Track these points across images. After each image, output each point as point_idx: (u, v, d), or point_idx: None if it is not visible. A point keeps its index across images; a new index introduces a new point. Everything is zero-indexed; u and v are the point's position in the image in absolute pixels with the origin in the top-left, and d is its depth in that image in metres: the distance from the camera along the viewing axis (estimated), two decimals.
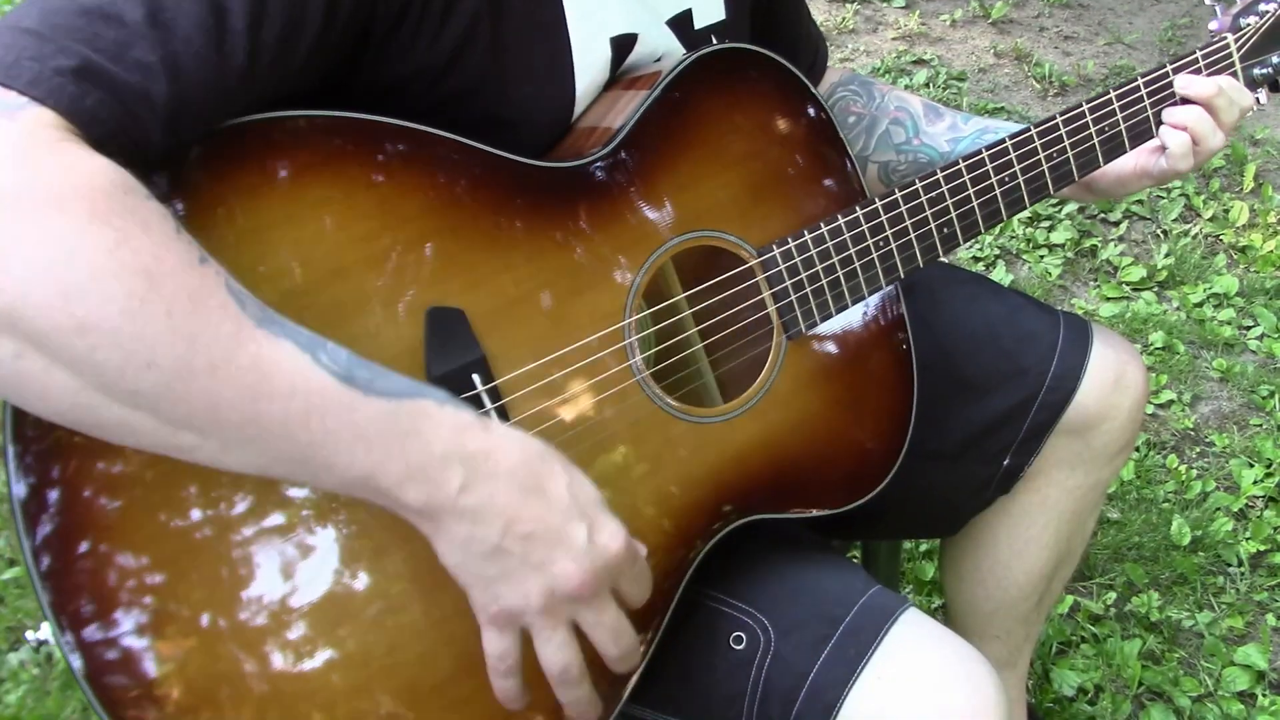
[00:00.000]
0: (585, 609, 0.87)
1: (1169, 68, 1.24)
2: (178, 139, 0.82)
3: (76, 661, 0.82)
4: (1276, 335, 2.71)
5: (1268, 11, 1.27)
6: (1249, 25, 1.27)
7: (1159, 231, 3.02)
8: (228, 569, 0.86)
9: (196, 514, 0.85)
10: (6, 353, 0.71)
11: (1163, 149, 1.24)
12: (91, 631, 0.82)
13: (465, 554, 0.83)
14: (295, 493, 0.88)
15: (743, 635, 1.07)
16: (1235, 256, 2.96)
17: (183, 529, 0.85)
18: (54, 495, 0.81)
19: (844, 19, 3.81)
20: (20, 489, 0.81)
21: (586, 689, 0.91)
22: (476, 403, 0.95)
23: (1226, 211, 3.07)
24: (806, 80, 1.16)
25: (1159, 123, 1.24)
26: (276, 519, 0.87)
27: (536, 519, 0.83)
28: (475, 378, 0.94)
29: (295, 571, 0.88)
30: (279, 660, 0.87)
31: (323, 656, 0.88)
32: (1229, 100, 1.23)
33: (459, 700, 0.93)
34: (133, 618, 0.83)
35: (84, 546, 0.82)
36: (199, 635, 0.85)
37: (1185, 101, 1.23)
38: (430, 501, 0.81)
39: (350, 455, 0.78)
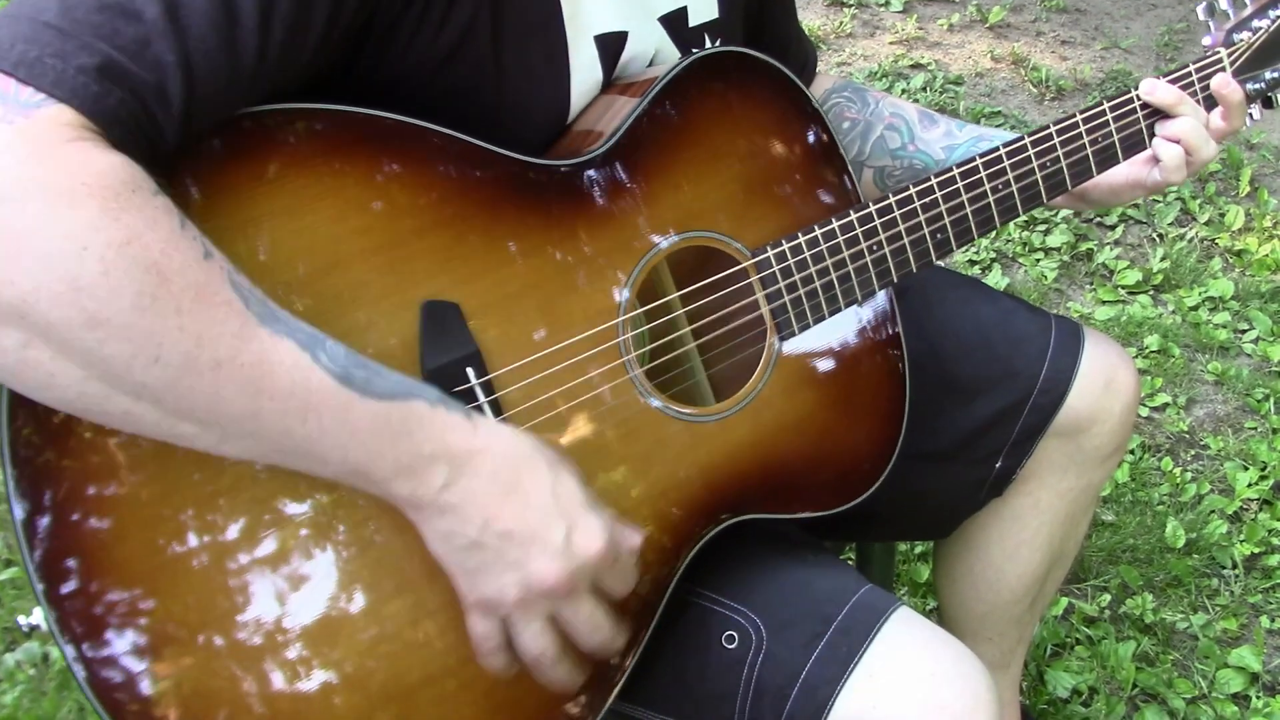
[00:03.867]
0: (562, 604, 0.91)
1: (1164, 80, 1.25)
2: (193, 133, 0.83)
3: (81, 673, 0.83)
4: (1271, 339, 2.72)
5: (1260, 27, 1.27)
6: (1242, 41, 1.28)
7: (1155, 235, 3.03)
8: (222, 588, 0.87)
9: (191, 535, 0.86)
10: (13, 342, 0.72)
11: (1155, 160, 1.24)
12: (92, 649, 0.84)
13: (447, 545, 0.88)
14: (292, 509, 0.89)
15: (735, 634, 1.07)
16: (1231, 260, 2.97)
17: (178, 550, 0.86)
18: (45, 520, 0.82)
19: (841, 23, 3.82)
20: (19, 511, 0.82)
21: (564, 669, 0.95)
22: (469, 396, 0.96)
23: (1222, 215, 3.08)
24: (800, 83, 1.16)
25: (1152, 134, 1.24)
26: (271, 539, 0.88)
27: (515, 517, 0.87)
28: (469, 371, 0.96)
29: (291, 590, 0.89)
30: (275, 675, 0.88)
31: (319, 674, 0.89)
32: (1196, 118, 1.23)
33: (457, 701, 0.95)
34: (129, 639, 0.84)
35: (82, 568, 0.83)
36: (194, 654, 0.86)
37: (1146, 107, 1.23)
38: (415, 496, 0.85)
39: (344, 451, 0.82)
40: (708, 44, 1.21)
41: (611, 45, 1.13)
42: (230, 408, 0.78)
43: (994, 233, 2.96)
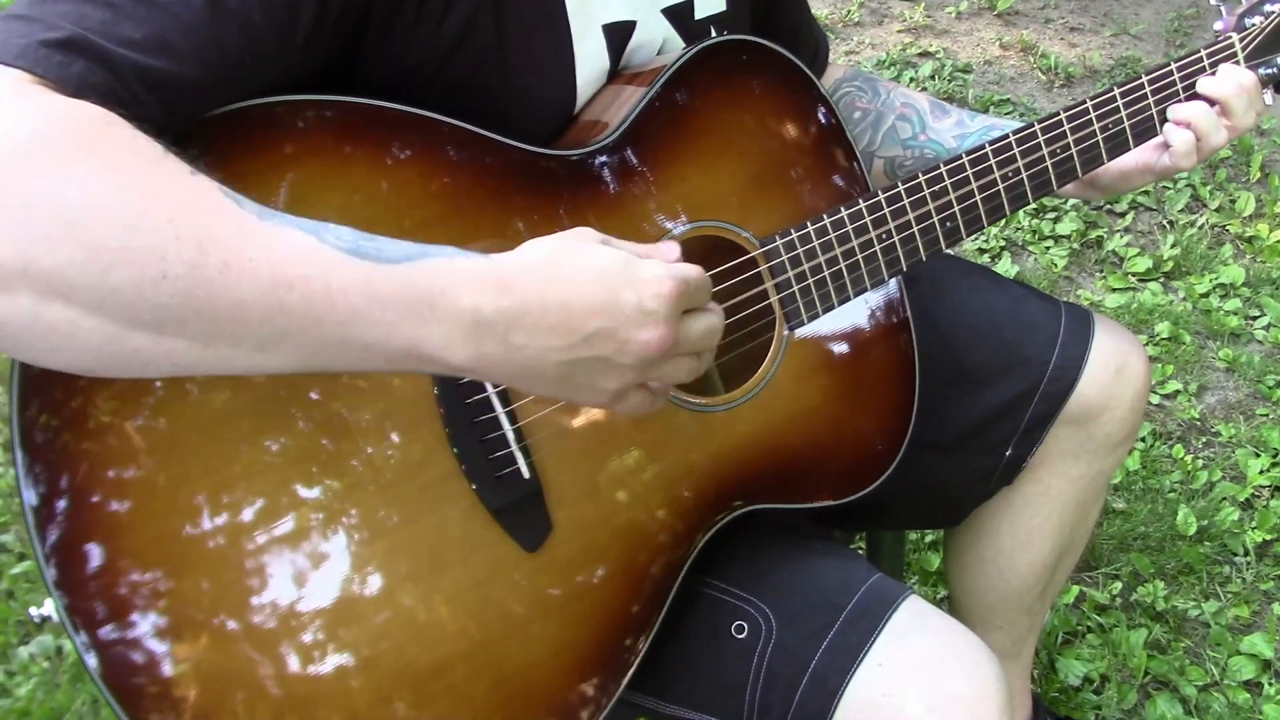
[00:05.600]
0: (678, 346, 0.87)
1: (1173, 65, 1.24)
2: (175, 115, 0.82)
3: (92, 661, 0.83)
4: None
5: (1273, 12, 1.27)
6: (1254, 25, 1.27)
7: (1165, 222, 3.02)
8: (238, 571, 0.87)
9: (207, 518, 0.86)
10: (25, 308, 0.70)
11: (1166, 146, 1.24)
12: (106, 634, 0.84)
13: (545, 384, 0.84)
14: (306, 493, 0.89)
15: (744, 624, 1.08)
16: (1241, 247, 2.96)
17: (194, 533, 0.86)
18: (62, 503, 0.82)
19: (849, 12, 3.81)
20: (31, 497, 0.82)
21: (708, 360, 0.92)
22: (478, 389, 0.96)
23: (1233, 202, 3.07)
24: (810, 73, 1.16)
25: (1163, 120, 1.24)
26: (287, 520, 0.89)
27: (586, 314, 0.82)
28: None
29: (307, 572, 0.89)
30: (290, 658, 0.88)
31: (336, 655, 0.90)
32: (1247, 101, 1.23)
33: (469, 686, 0.95)
34: (146, 622, 0.84)
35: (95, 551, 0.83)
36: (210, 636, 0.86)
37: (1194, 97, 1.23)
38: (480, 354, 0.80)
39: (385, 328, 0.77)
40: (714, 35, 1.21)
41: (619, 34, 1.13)
42: (253, 310, 0.74)
43: (1004, 220, 2.95)
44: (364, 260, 0.77)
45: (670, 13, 1.18)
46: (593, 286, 0.82)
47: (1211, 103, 1.23)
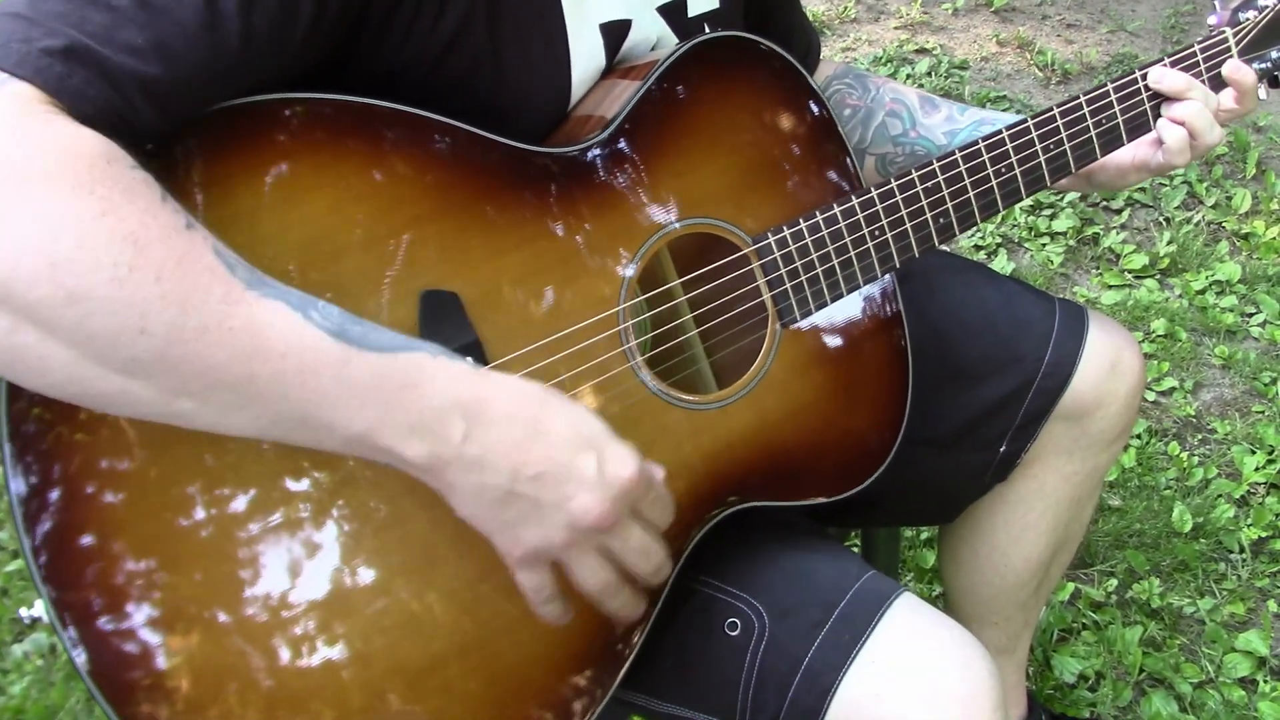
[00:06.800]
0: (610, 537, 0.87)
1: (1167, 61, 1.24)
2: (172, 120, 0.82)
3: (80, 657, 0.83)
4: (1278, 322, 2.71)
5: (1266, 6, 1.26)
6: (1248, 20, 1.27)
7: (1161, 219, 3.02)
8: (230, 564, 0.87)
9: (199, 510, 0.86)
10: (1, 327, 0.71)
11: (1160, 142, 1.24)
12: (94, 627, 0.83)
13: (479, 503, 0.84)
14: (297, 486, 0.89)
15: (737, 621, 1.07)
16: (1237, 243, 2.96)
17: (186, 525, 0.85)
18: (55, 494, 0.82)
19: (846, 8, 3.81)
20: (19, 486, 0.82)
21: (627, 597, 0.92)
22: None
23: (1229, 199, 3.07)
24: (803, 69, 1.16)
25: (1157, 116, 1.24)
26: (279, 513, 0.88)
27: (544, 458, 0.83)
28: (469, 361, 0.95)
29: (299, 565, 0.89)
30: (282, 652, 0.88)
31: (328, 648, 0.89)
32: (1204, 102, 1.22)
33: (463, 683, 0.95)
34: (137, 614, 0.84)
35: (86, 543, 0.83)
36: (201, 630, 0.85)
37: (1157, 96, 1.23)
38: (434, 454, 0.81)
39: (347, 412, 0.78)
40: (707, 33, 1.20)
41: (615, 33, 1.13)
42: (223, 375, 0.75)
43: (998, 216, 2.95)
44: (345, 344, 0.78)
45: (664, 10, 1.18)
46: (564, 435, 0.84)
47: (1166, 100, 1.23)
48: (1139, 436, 2.41)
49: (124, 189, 0.73)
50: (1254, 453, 2.37)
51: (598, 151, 1.05)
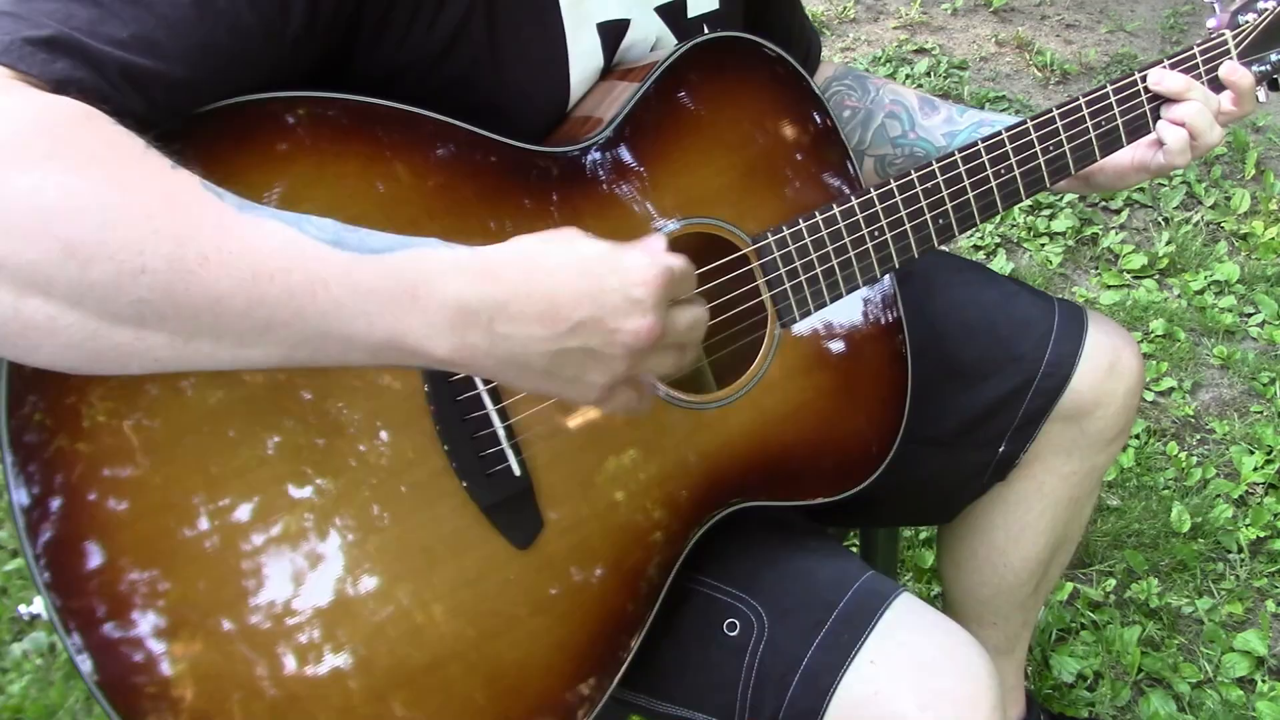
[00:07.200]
0: (666, 338, 0.85)
1: (1166, 63, 1.24)
2: (159, 110, 0.82)
3: (85, 664, 0.83)
4: (1277, 322, 2.71)
5: (1266, 9, 1.27)
6: (1247, 22, 1.27)
7: (1160, 219, 3.02)
8: (232, 571, 0.87)
9: (202, 518, 0.86)
10: (5, 304, 0.70)
11: (1160, 144, 1.24)
12: (98, 634, 0.83)
13: (533, 375, 0.82)
14: (299, 493, 0.89)
15: (736, 622, 1.07)
16: (1236, 244, 2.96)
17: (188, 532, 0.86)
18: (57, 503, 0.82)
19: (845, 8, 3.81)
20: (21, 496, 0.82)
21: (689, 359, 0.90)
22: (468, 386, 0.96)
23: (1228, 199, 3.07)
24: (802, 70, 1.16)
25: (1156, 117, 1.24)
26: (280, 520, 0.88)
27: (571, 302, 0.80)
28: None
29: (299, 570, 0.89)
30: (285, 657, 0.88)
31: (328, 652, 0.90)
32: (1204, 103, 1.23)
33: (462, 684, 0.95)
34: (141, 621, 0.84)
35: (89, 551, 0.83)
36: (204, 635, 0.86)
37: (1157, 98, 1.23)
38: (466, 345, 0.79)
39: (366, 320, 0.76)
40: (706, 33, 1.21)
41: (613, 32, 1.13)
42: (233, 303, 0.73)
43: (997, 217, 2.95)
44: (346, 251, 0.76)
45: (663, 11, 1.18)
46: (578, 275, 0.81)
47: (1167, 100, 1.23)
48: (1137, 436, 2.42)
49: (104, 140, 0.73)
50: (1252, 453, 2.37)
51: (598, 151, 1.05)
